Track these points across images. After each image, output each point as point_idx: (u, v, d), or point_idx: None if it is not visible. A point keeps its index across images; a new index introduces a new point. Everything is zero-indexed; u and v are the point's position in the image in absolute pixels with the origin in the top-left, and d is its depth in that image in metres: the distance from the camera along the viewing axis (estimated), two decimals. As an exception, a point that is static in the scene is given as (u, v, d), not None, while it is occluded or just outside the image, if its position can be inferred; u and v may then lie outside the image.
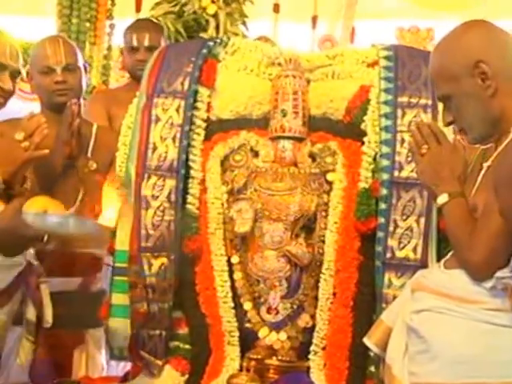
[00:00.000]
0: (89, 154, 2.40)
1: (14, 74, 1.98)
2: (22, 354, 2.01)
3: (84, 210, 2.41)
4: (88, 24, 3.86)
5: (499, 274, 1.58)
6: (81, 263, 2.35)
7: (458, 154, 1.72)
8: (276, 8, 3.68)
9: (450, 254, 1.74)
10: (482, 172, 1.68)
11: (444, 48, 1.70)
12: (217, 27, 3.04)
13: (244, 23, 3.17)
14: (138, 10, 3.76)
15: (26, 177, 2.02)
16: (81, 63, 2.45)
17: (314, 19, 3.84)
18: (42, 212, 1.66)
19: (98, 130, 2.46)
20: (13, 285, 1.94)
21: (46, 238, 1.67)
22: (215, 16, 3.03)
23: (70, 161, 2.09)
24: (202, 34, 3.03)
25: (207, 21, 3.05)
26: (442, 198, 1.69)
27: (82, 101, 2.44)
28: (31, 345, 2.01)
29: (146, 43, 2.90)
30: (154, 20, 3.14)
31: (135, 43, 2.90)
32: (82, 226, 1.75)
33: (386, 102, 2.04)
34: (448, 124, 1.73)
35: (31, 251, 2.00)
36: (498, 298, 1.60)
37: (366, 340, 1.82)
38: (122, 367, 2.44)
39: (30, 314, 2.00)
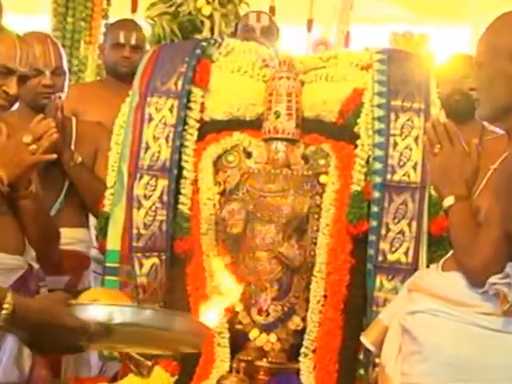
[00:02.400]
0: (72, 148, 2.40)
1: (23, 79, 1.94)
2: (21, 357, 1.99)
3: (69, 205, 2.41)
4: (83, 23, 3.85)
5: (492, 279, 1.58)
6: (68, 261, 2.34)
7: (469, 158, 1.70)
8: (272, 11, 3.69)
9: (447, 255, 1.74)
10: (488, 174, 1.67)
11: (505, 23, 1.68)
12: (212, 28, 3.04)
13: (239, 25, 3.18)
14: (133, 10, 3.75)
15: (31, 180, 2.00)
16: (66, 65, 2.44)
17: (310, 22, 3.85)
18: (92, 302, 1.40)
19: (77, 124, 2.46)
20: (13, 288, 1.92)
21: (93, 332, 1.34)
22: (210, 17, 3.03)
23: (55, 154, 2.08)
24: (197, 35, 3.02)
25: (202, 22, 3.05)
26: (448, 201, 1.68)
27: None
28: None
29: (133, 42, 2.92)
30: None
31: (122, 40, 2.92)
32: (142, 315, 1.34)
33: (379, 106, 2.05)
34: (471, 89, 1.73)
35: (32, 253, 1.99)
36: (491, 303, 1.60)
37: (362, 338, 1.81)
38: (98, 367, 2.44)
39: None
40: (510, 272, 1.56)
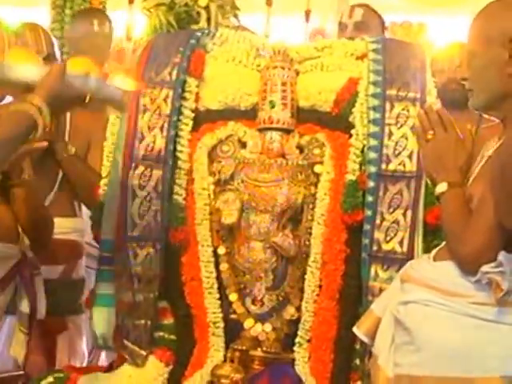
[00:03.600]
0: (66, 139, 2.40)
1: None
2: (16, 345, 2.00)
3: (63, 195, 2.41)
4: (81, 15, 3.86)
5: (484, 268, 1.58)
6: (62, 250, 2.36)
7: (463, 144, 1.70)
8: (268, 1, 3.69)
9: (440, 245, 1.73)
10: (482, 162, 1.67)
11: (496, 10, 1.66)
12: (208, 20, 3.03)
13: (236, 16, 3.17)
14: (130, 1, 3.75)
15: (23, 168, 2.01)
16: (58, 53, 2.46)
17: (307, 13, 3.85)
18: (85, 75, 1.67)
19: (71, 115, 2.46)
20: (7, 277, 1.93)
21: (87, 99, 1.66)
22: (207, 8, 3.03)
23: (49, 145, 2.09)
24: (194, 26, 3.02)
25: (199, 13, 3.05)
26: (441, 187, 1.67)
27: None
28: (25, 336, 2.01)
29: (106, 30, 3.09)
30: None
31: (96, 28, 3.06)
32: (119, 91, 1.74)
33: (374, 95, 2.04)
34: (462, 79, 1.72)
35: (26, 242, 2.00)
36: (484, 292, 1.60)
37: (355, 329, 1.81)
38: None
39: (24, 305, 1.99)
40: (502, 260, 1.56)
